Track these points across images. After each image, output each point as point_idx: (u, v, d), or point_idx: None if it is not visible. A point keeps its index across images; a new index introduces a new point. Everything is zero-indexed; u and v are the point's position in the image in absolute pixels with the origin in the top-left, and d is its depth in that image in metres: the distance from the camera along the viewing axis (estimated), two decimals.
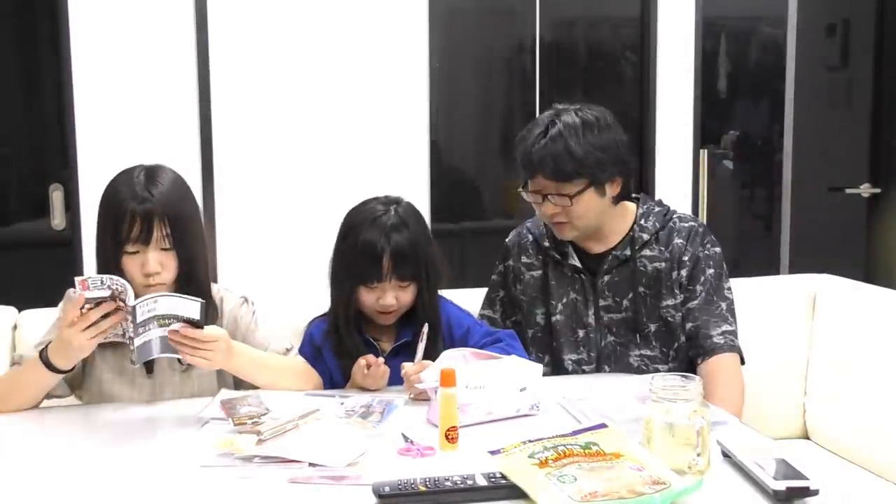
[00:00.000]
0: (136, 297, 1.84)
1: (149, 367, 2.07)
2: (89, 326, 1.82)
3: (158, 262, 1.96)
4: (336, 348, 2.18)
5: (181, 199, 2.04)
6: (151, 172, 2.02)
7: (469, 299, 2.45)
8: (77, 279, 1.81)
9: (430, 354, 2.02)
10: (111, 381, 2.06)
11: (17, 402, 1.97)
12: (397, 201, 2.20)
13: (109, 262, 1.96)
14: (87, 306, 1.81)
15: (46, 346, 1.92)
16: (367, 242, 2.10)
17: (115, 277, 1.83)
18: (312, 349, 2.21)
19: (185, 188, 2.07)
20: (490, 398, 1.85)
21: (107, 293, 1.82)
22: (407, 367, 2.00)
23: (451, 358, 1.95)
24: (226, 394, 2.00)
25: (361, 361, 2.07)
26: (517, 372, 1.91)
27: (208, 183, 3.38)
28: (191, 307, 1.85)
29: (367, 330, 2.22)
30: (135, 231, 1.94)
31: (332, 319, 2.21)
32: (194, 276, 2.03)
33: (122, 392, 2.07)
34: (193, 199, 2.09)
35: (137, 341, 1.83)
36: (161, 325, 1.84)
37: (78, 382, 2.08)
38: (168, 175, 2.04)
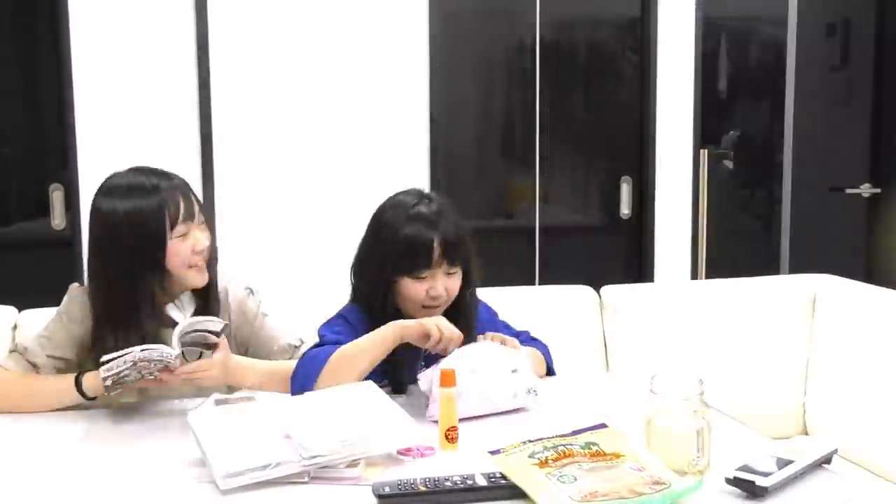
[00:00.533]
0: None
1: None
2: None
3: (204, 236, 1.99)
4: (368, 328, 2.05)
5: (182, 180, 2.06)
6: (151, 168, 2.03)
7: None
8: (102, 369, 1.84)
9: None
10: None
11: (35, 407, 1.97)
12: (427, 194, 2.11)
13: (146, 261, 1.94)
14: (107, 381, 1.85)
15: (82, 373, 1.94)
16: (414, 231, 2.00)
17: (131, 350, 1.83)
18: (348, 327, 2.08)
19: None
20: (483, 381, 1.84)
21: (129, 366, 1.84)
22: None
23: (451, 356, 1.95)
24: (219, 395, 1.99)
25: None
26: (504, 355, 1.91)
27: (208, 182, 3.38)
28: (215, 325, 1.90)
29: None
30: (181, 210, 1.94)
31: (367, 315, 2.08)
32: (214, 253, 2.06)
33: (133, 392, 2.06)
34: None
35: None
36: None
37: None
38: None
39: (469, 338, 2.01)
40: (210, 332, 1.89)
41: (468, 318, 2.08)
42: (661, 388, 1.59)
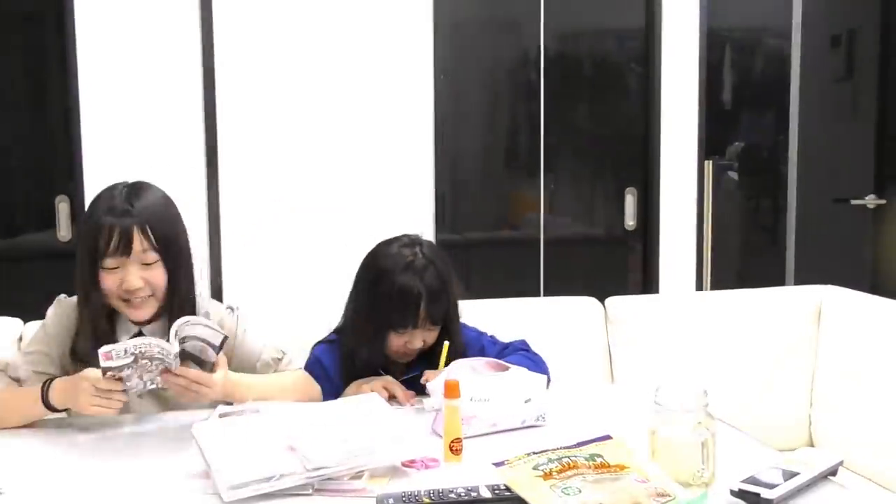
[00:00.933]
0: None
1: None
2: (98, 395, 1.81)
3: (139, 277, 1.91)
4: (348, 378, 2.15)
5: (165, 212, 1.98)
6: (134, 187, 1.97)
7: (472, 309, 2.44)
8: (100, 352, 1.78)
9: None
10: None
11: (3, 423, 1.94)
12: (419, 241, 2.14)
13: (88, 280, 1.91)
14: (108, 374, 1.80)
15: (49, 383, 1.89)
16: (403, 289, 2.04)
17: (136, 342, 1.79)
18: (321, 371, 2.19)
19: (168, 201, 2.01)
20: (494, 411, 1.85)
21: (129, 360, 1.80)
22: (429, 374, 2.00)
23: (460, 367, 1.95)
24: (223, 409, 1.99)
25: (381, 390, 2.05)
26: (522, 384, 1.91)
27: (213, 195, 3.39)
28: (215, 336, 1.86)
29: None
30: (112, 245, 1.88)
31: (348, 355, 2.15)
32: (178, 290, 1.97)
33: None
34: (178, 213, 2.02)
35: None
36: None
37: None
38: (151, 190, 1.99)
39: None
40: (208, 343, 1.86)
41: (457, 351, 2.10)
42: (665, 399, 1.58)
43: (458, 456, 1.70)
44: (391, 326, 2.07)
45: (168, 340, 1.81)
